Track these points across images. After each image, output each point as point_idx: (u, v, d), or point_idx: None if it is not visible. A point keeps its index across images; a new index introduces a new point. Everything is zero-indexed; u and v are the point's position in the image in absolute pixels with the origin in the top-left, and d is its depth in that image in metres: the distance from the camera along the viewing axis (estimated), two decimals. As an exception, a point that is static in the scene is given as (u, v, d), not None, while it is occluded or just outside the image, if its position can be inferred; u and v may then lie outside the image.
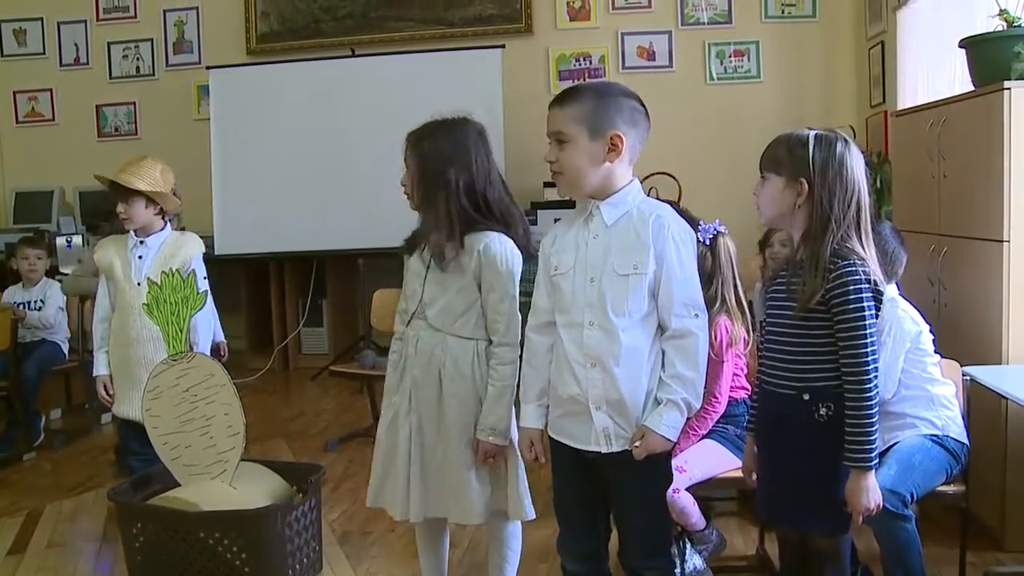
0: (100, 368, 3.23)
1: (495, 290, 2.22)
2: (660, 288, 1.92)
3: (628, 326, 1.92)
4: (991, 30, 3.07)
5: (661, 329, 1.95)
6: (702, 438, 2.68)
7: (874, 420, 1.86)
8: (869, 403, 1.86)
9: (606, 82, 2.07)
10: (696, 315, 1.93)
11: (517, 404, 2.19)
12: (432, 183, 2.22)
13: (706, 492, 2.75)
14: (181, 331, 2.75)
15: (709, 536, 2.74)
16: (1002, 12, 3.02)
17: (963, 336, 2.98)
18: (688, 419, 1.99)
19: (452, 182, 2.21)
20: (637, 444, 1.92)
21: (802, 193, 1.91)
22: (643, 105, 2.01)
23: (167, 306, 2.75)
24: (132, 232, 3.23)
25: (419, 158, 2.24)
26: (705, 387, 2.46)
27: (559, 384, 2.01)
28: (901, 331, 2.55)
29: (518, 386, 2.20)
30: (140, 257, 3.19)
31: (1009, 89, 2.77)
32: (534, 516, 2.35)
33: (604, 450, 1.95)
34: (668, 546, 2.13)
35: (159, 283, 2.76)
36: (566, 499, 2.11)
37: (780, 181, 1.95)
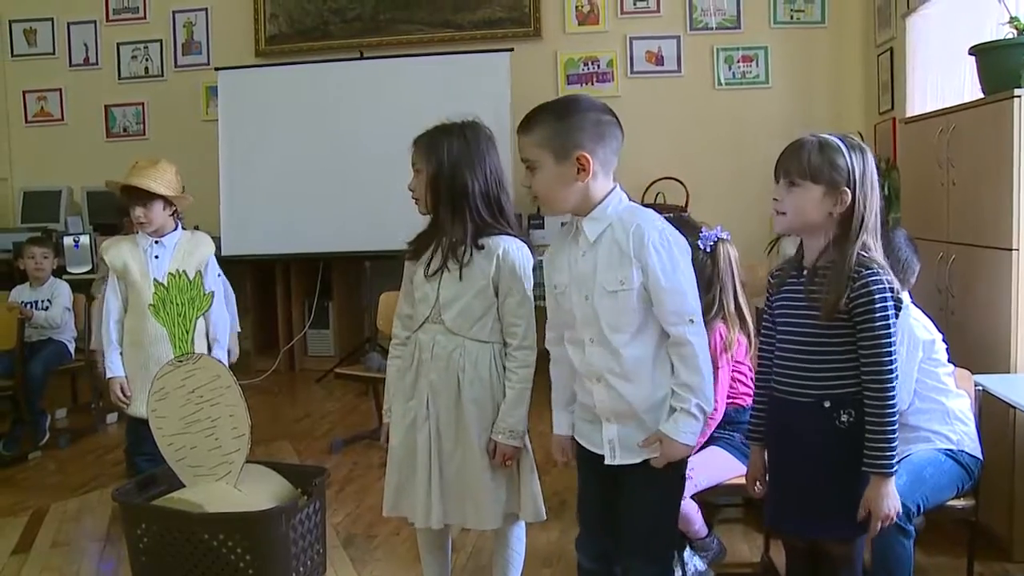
0: (117, 369, 3.23)
1: (513, 294, 2.24)
2: (652, 298, 1.92)
3: (626, 341, 1.93)
4: (1001, 38, 3.05)
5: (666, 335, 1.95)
6: (705, 445, 2.67)
7: (895, 426, 1.87)
8: (891, 409, 1.86)
9: (567, 99, 2.01)
10: (690, 321, 1.91)
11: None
12: (447, 187, 2.23)
13: (711, 499, 2.74)
14: (187, 332, 2.75)
15: (710, 544, 2.74)
16: (1012, 20, 3.01)
17: (971, 345, 2.97)
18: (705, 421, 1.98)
19: (468, 186, 2.22)
20: (656, 454, 1.93)
21: (842, 203, 1.89)
22: (611, 114, 1.97)
23: (174, 307, 2.75)
24: (144, 233, 3.25)
25: (434, 162, 2.24)
26: None
27: (578, 392, 2.07)
28: (914, 339, 2.53)
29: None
30: (157, 257, 3.21)
31: (1019, 97, 2.76)
32: (545, 517, 2.37)
33: (608, 460, 1.99)
34: (665, 557, 2.11)
35: (166, 284, 2.77)
36: (584, 499, 2.15)
37: (818, 190, 1.90)
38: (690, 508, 2.61)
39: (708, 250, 2.64)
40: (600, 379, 1.96)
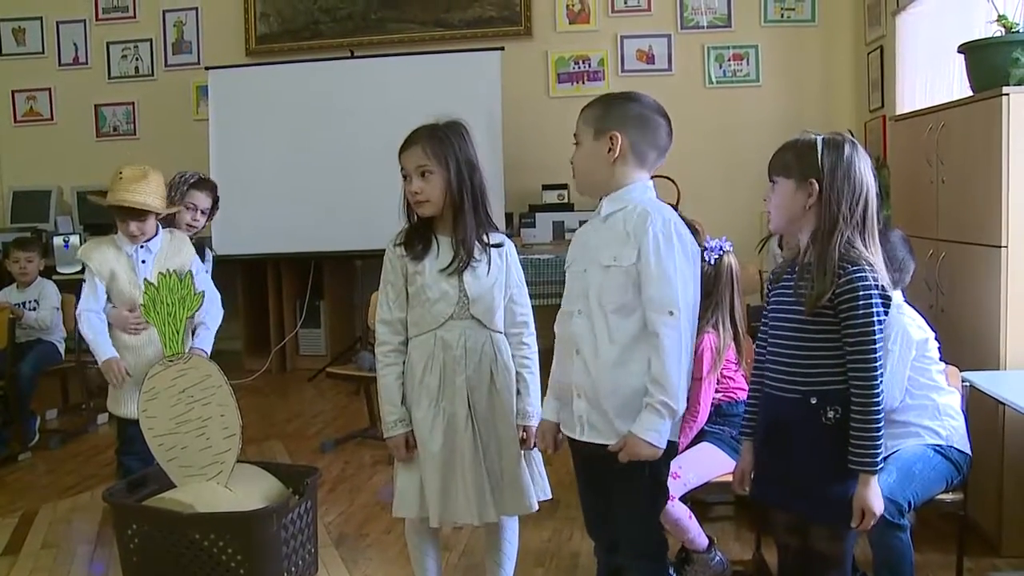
0: (109, 351, 3.11)
1: (520, 285, 2.37)
2: (641, 281, 1.95)
3: (605, 317, 1.98)
4: (990, 36, 3.07)
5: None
6: (695, 441, 2.66)
7: (880, 424, 1.87)
8: (876, 407, 1.86)
9: (628, 91, 2.13)
10: (670, 313, 1.91)
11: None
12: (468, 187, 2.27)
13: (701, 496, 2.73)
14: (178, 332, 2.74)
15: (711, 560, 2.65)
16: (1001, 18, 3.02)
17: (961, 341, 2.98)
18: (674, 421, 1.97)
19: (482, 184, 2.31)
20: (621, 448, 1.95)
21: (812, 194, 1.92)
22: (659, 113, 2.05)
23: (164, 307, 2.74)
24: (126, 236, 3.18)
25: (452, 164, 2.24)
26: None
27: (561, 372, 2.10)
28: (908, 338, 2.54)
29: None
30: (144, 262, 3.16)
31: (1007, 95, 2.77)
32: (551, 495, 2.41)
33: (577, 436, 2.03)
34: (656, 552, 2.10)
35: (156, 284, 2.76)
36: (580, 492, 2.20)
37: (790, 184, 1.95)
38: (682, 513, 2.56)
39: (712, 263, 2.65)
40: (579, 351, 2.01)
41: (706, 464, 2.60)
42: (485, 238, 2.30)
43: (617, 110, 2.04)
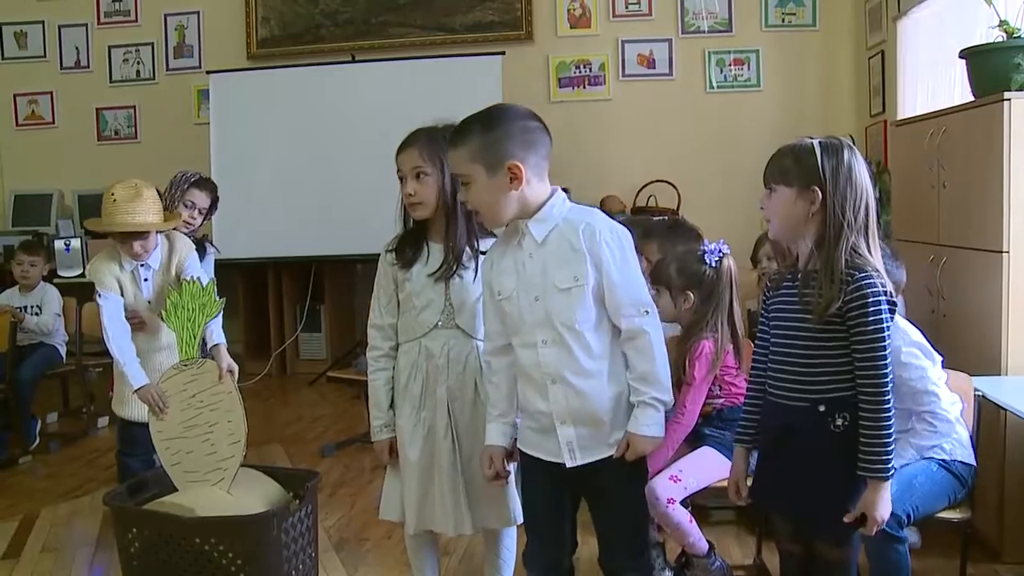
0: (141, 377, 2.92)
1: None
2: (605, 294, 1.93)
3: (580, 337, 1.94)
4: (991, 41, 3.07)
5: (617, 331, 1.96)
6: (695, 446, 2.65)
7: (891, 430, 1.86)
8: (887, 414, 1.85)
9: (492, 109, 2.00)
10: (646, 312, 1.93)
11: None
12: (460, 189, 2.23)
13: (701, 500, 2.72)
14: (194, 337, 2.74)
15: (711, 564, 2.63)
16: (1002, 23, 3.03)
17: (962, 347, 2.98)
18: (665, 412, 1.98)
19: None
20: (624, 450, 1.94)
21: (815, 202, 1.90)
22: (538, 119, 1.98)
23: (183, 312, 2.73)
24: (129, 256, 3.15)
25: (447, 168, 2.21)
26: (675, 399, 2.41)
27: (525, 399, 2.03)
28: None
29: None
30: (146, 280, 3.13)
31: (1009, 100, 2.77)
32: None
33: (569, 463, 1.97)
34: (646, 546, 2.13)
35: (179, 291, 2.74)
36: (535, 509, 2.12)
37: (791, 192, 1.92)
38: (682, 516, 2.54)
39: (714, 265, 2.65)
40: (556, 380, 1.95)
41: (707, 468, 2.59)
42: (476, 244, 2.26)
43: (501, 137, 1.91)
